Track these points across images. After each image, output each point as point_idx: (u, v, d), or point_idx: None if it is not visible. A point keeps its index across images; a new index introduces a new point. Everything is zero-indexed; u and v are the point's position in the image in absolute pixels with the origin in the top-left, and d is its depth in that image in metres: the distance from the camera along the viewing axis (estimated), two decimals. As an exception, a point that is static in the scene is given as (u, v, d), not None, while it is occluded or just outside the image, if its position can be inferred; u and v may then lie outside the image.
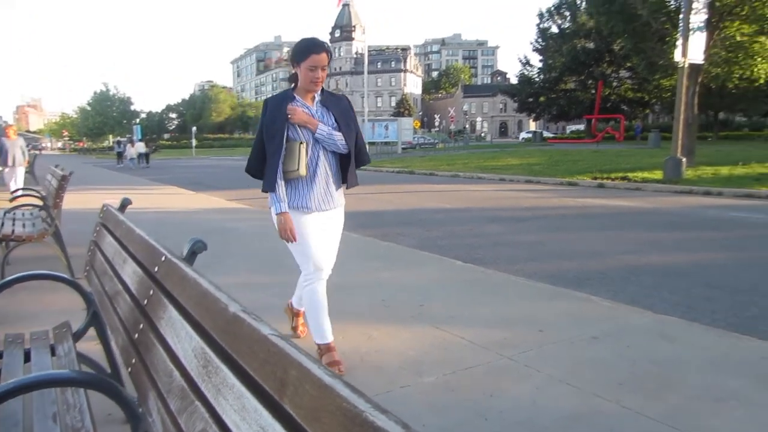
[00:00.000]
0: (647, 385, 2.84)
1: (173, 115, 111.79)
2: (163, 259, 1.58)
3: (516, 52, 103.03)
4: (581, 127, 62.78)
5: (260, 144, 3.01)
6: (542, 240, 7.45)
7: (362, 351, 3.33)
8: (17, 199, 6.53)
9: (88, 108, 72.55)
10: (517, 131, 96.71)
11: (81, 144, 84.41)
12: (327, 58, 2.90)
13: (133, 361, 1.55)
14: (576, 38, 52.57)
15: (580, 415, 2.55)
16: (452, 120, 70.89)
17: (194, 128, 61.17)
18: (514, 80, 68.40)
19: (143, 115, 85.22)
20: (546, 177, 16.82)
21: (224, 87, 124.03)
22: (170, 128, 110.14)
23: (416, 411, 2.59)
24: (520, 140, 69.69)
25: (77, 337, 2.33)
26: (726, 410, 2.60)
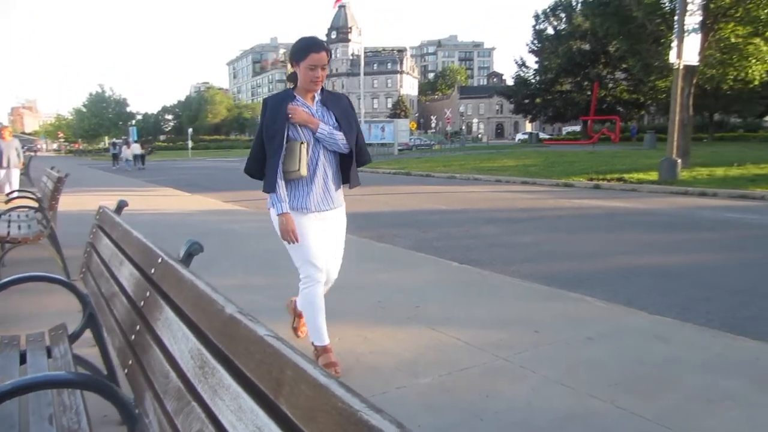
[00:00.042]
0: (642, 386, 2.85)
1: (169, 117, 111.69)
2: (160, 261, 1.58)
3: (512, 54, 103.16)
4: (577, 129, 62.94)
5: (260, 144, 2.97)
6: (538, 241, 7.47)
7: (358, 352, 3.34)
8: (12, 201, 6.51)
9: (84, 109, 72.34)
10: (514, 132, 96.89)
11: (76, 145, 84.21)
12: (327, 57, 2.88)
13: (130, 363, 1.55)
14: (572, 40, 52.71)
15: (575, 416, 2.56)
16: (448, 121, 70.92)
17: (190, 130, 60.97)
18: (510, 82, 68.60)
19: (139, 117, 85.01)
20: (542, 178, 16.87)
21: (220, 88, 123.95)
22: (166, 130, 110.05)
23: (412, 412, 2.60)
24: (517, 141, 69.83)
25: (73, 339, 2.33)
26: (721, 411, 2.62)
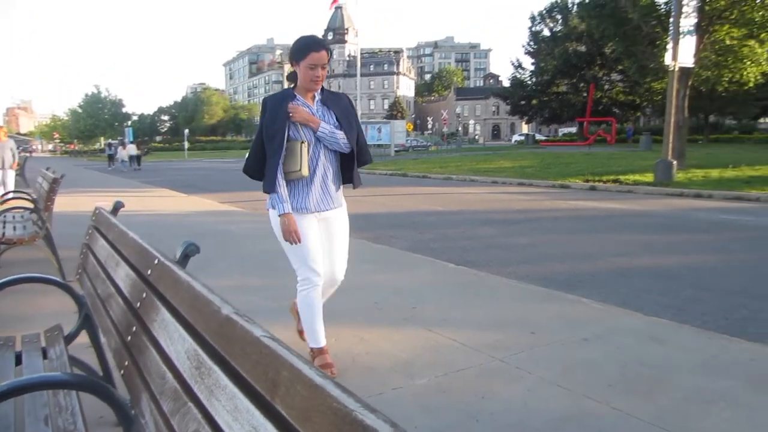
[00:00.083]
0: (637, 387, 2.86)
1: (165, 118, 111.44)
2: (156, 262, 1.58)
3: (508, 55, 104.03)
4: (573, 130, 63.09)
5: (259, 144, 2.93)
6: (534, 242, 7.48)
7: (354, 353, 3.34)
8: (8, 202, 6.50)
9: (79, 110, 72.10)
10: (510, 134, 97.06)
11: (72, 146, 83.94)
12: (327, 56, 2.85)
13: (126, 364, 1.55)
14: (568, 41, 52.90)
15: (571, 417, 2.57)
16: (445, 122, 70.93)
17: (186, 131, 60.97)
18: (507, 83, 68.75)
19: (135, 118, 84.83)
20: (538, 180, 16.90)
21: (217, 89, 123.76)
22: (162, 130, 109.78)
23: (408, 412, 2.60)
24: (513, 143, 69.95)
25: (69, 340, 2.32)
26: (715, 411, 2.63)
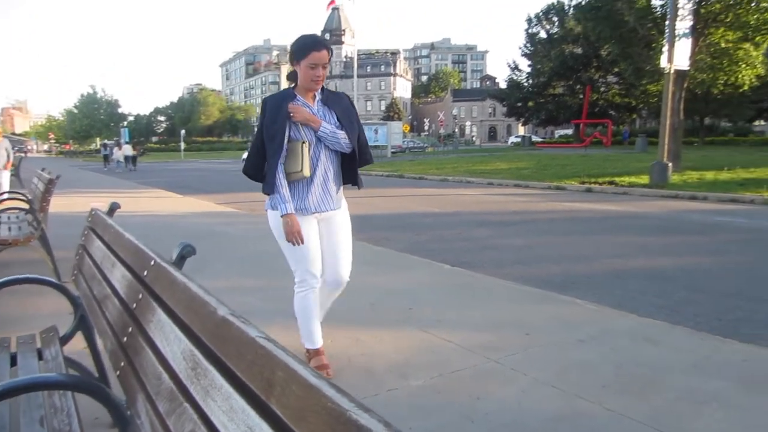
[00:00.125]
0: (631, 388, 2.88)
1: (161, 118, 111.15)
2: (152, 263, 1.58)
3: (505, 57, 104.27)
4: (570, 132, 63.23)
5: (259, 144, 2.88)
6: (530, 244, 7.50)
7: (350, 354, 3.34)
8: (2, 203, 6.48)
9: (75, 110, 71.95)
10: (506, 135, 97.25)
11: (67, 147, 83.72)
12: (328, 56, 2.82)
13: (122, 365, 1.55)
14: (564, 43, 52.97)
15: (565, 417, 2.59)
16: (442, 124, 71.11)
17: (183, 131, 60.90)
18: (503, 85, 68.84)
19: (131, 118, 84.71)
20: (534, 181, 16.94)
21: (213, 90, 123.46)
22: (158, 131, 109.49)
23: (403, 413, 2.61)
24: (509, 144, 70.06)
25: (64, 341, 2.32)
26: (708, 412, 2.64)
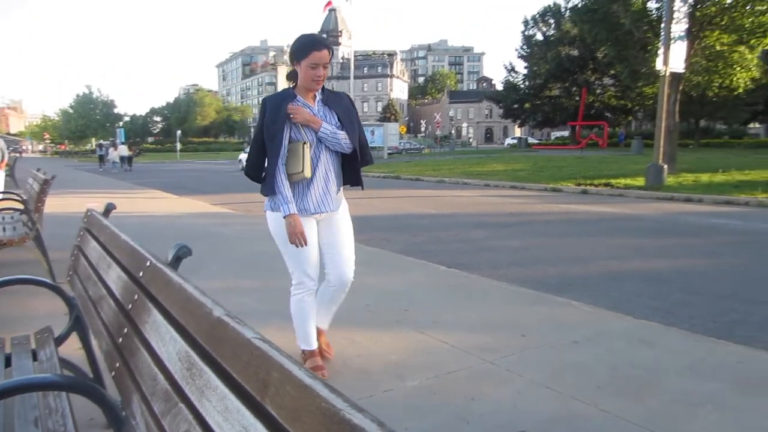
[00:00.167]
0: (626, 389, 2.89)
1: (158, 119, 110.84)
2: (148, 264, 1.58)
3: (501, 59, 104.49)
4: (566, 134, 63.36)
5: (260, 145, 2.86)
6: (526, 245, 7.52)
7: (346, 355, 3.35)
8: (-2, 203, 6.44)
9: (71, 111, 71.68)
10: (503, 137, 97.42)
11: (63, 147, 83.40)
12: (329, 55, 2.80)
13: (117, 365, 1.55)
14: (560, 45, 53.04)
15: (560, 419, 2.59)
16: (438, 125, 71.08)
17: (179, 132, 60.69)
18: (500, 86, 68.80)
19: (127, 119, 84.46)
20: (530, 183, 16.97)
21: (209, 90, 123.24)
22: (154, 132, 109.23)
23: (399, 414, 2.61)
24: (506, 146, 70.22)
25: (59, 342, 2.32)
26: (703, 414, 2.65)
